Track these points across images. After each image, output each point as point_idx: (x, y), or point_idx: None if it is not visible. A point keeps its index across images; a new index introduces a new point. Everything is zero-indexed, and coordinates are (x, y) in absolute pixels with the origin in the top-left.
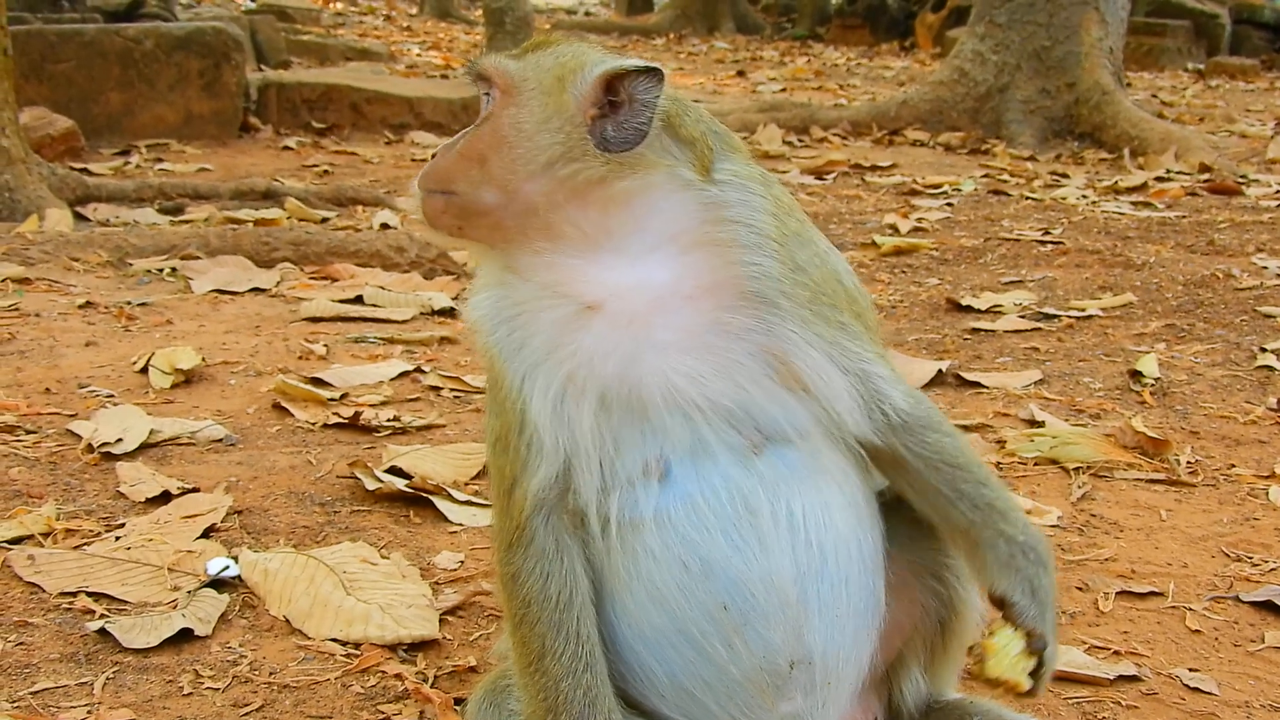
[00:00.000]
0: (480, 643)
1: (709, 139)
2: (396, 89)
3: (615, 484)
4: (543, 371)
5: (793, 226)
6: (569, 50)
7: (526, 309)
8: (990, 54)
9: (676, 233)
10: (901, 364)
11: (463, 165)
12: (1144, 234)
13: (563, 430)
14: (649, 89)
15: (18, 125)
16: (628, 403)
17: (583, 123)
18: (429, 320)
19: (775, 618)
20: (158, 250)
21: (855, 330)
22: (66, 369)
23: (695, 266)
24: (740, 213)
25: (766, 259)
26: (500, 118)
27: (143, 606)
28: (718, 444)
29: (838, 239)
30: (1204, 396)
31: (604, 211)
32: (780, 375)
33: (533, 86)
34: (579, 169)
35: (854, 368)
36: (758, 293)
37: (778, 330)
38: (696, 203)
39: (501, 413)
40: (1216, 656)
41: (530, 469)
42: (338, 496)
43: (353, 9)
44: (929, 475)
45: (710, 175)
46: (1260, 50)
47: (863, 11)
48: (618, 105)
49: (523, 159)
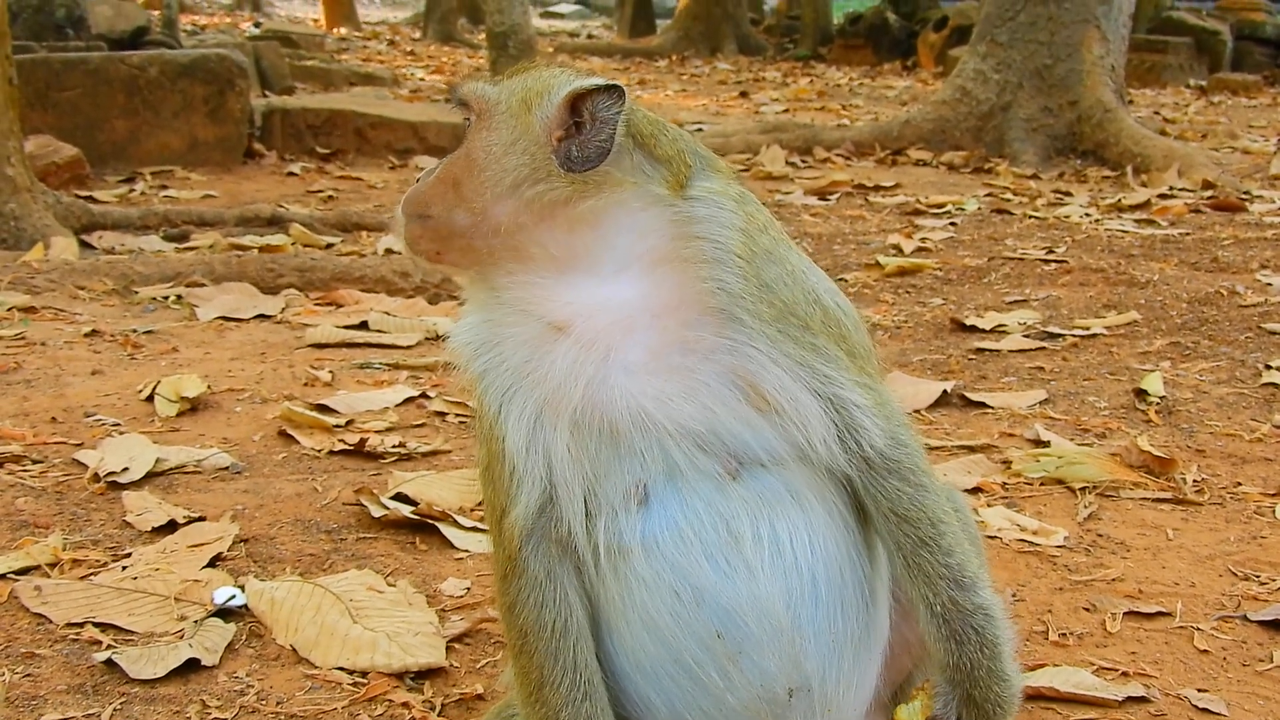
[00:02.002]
0: (487, 670)
1: (686, 157)
2: (400, 114)
3: (600, 510)
4: (517, 397)
5: (763, 244)
6: (539, 74)
7: (500, 333)
8: (992, 73)
9: (644, 250)
10: (906, 384)
11: (439, 189)
12: (1148, 251)
13: (539, 458)
14: (609, 106)
15: (23, 154)
16: (599, 427)
17: (548, 144)
18: (434, 345)
19: (770, 645)
20: (163, 278)
21: (831, 353)
22: (72, 398)
23: (661, 283)
24: (707, 228)
25: (730, 274)
26: (474, 141)
27: (150, 637)
28: (690, 469)
29: (842, 259)
30: (1209, 414)
31: (571, 231)
32: (749, 397)
33: (503, 110)
34: (544, 189)
35: (826, 391)
36: (721, 309)
37: (743, 349)
38: (665, 219)
39: (486, 441)
40: (1225, 676)
41: (514, 498)
42: (344, 524)
43: (356, 34)
44: (876, 520)
45: (683, 192)
46: (1262, 66)
47: (865, 31)
48: (582, 125)
49: (491, 181)
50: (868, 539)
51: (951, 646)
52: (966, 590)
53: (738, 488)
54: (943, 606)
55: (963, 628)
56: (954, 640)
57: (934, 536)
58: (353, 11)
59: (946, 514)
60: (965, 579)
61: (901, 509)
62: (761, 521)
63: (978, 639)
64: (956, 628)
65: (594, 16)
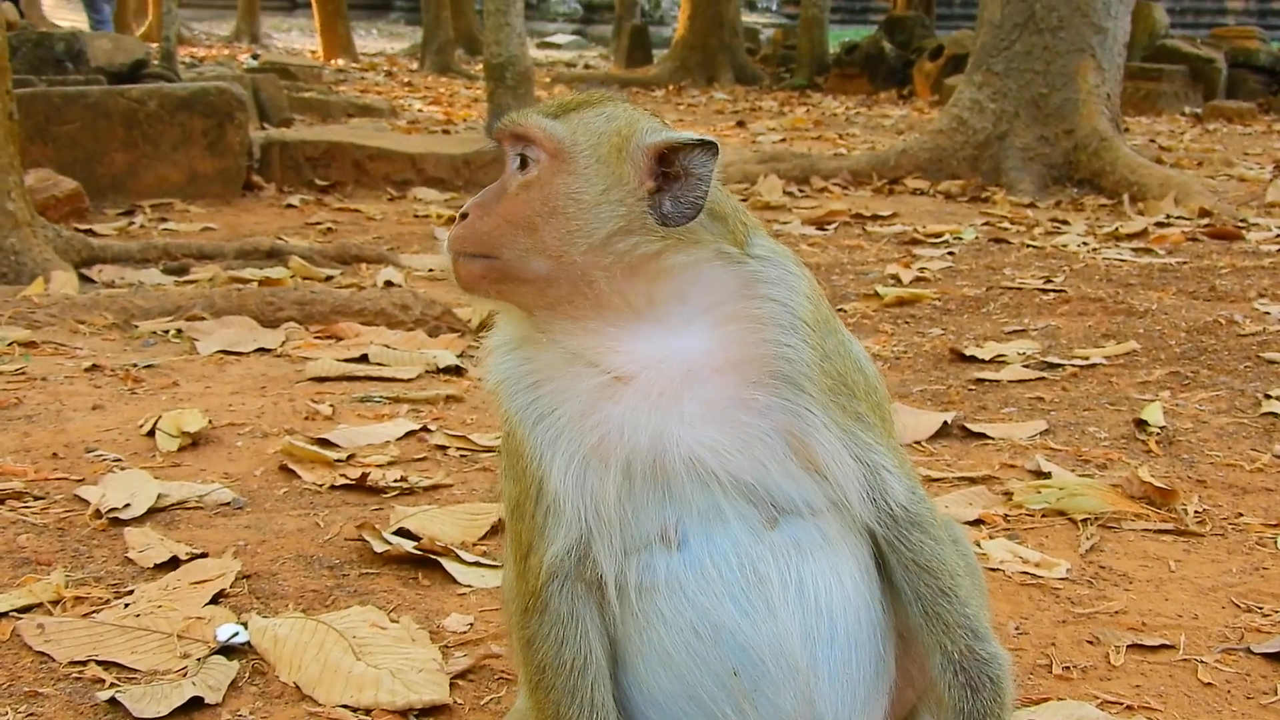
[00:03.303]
0: (491, 707)
1: (741, 214)
2: (399, 145)
3: (632, 550)
4: (565, 441)
5: (824, 312)
6: (619, 113)
7: (553, 376)
8: (988, 102)
9: (713, 304)
10: (907, 415)
11: (509, 231)
12: (1145, 281)
13: (586, 501)
14: (705, 162)
15: (23, 188)
16: (651, 473)
17: (642, 196)
18: (434, 378)
19: (785, 683)
20: (163, 311)
21: (870, 421)
22: (73, 433)
23: (727, 340)
24: (778, 292)
25: (799, 342)
26: (552, 185)
27: (153, 675)
28: (733, 515)
29: (840, 290)
30: (1210, 445)
31: (652, 284)
32: (798, 455)
33: (587, 153)
34: (638, 243)
35: (865, 457)
36: (785, 374)
37: (800, 413)
38: (736, 277)
39: (520, 479)
40: (1230, 710)
41: (548, 537)
42: (346, 559)
43: (354, 65)
44: (895, 569)
45: (748, 249)
46: (1257, 93)
47: (861, 61)
48: (671, 177)
49: (581, 231)
50: (881, 583)
51: (967, 695)
52: (982, 640)
53: (773, 535)
54: (960, 655)
55: (979, 676)
56: (970, 689)
57: (952, 587)
58: (350, 43)
59: (961, 566)
60: (981, 629)
61: (923, 560)
62: (789, 565)
63: (993, 689)
64: (973, 676)
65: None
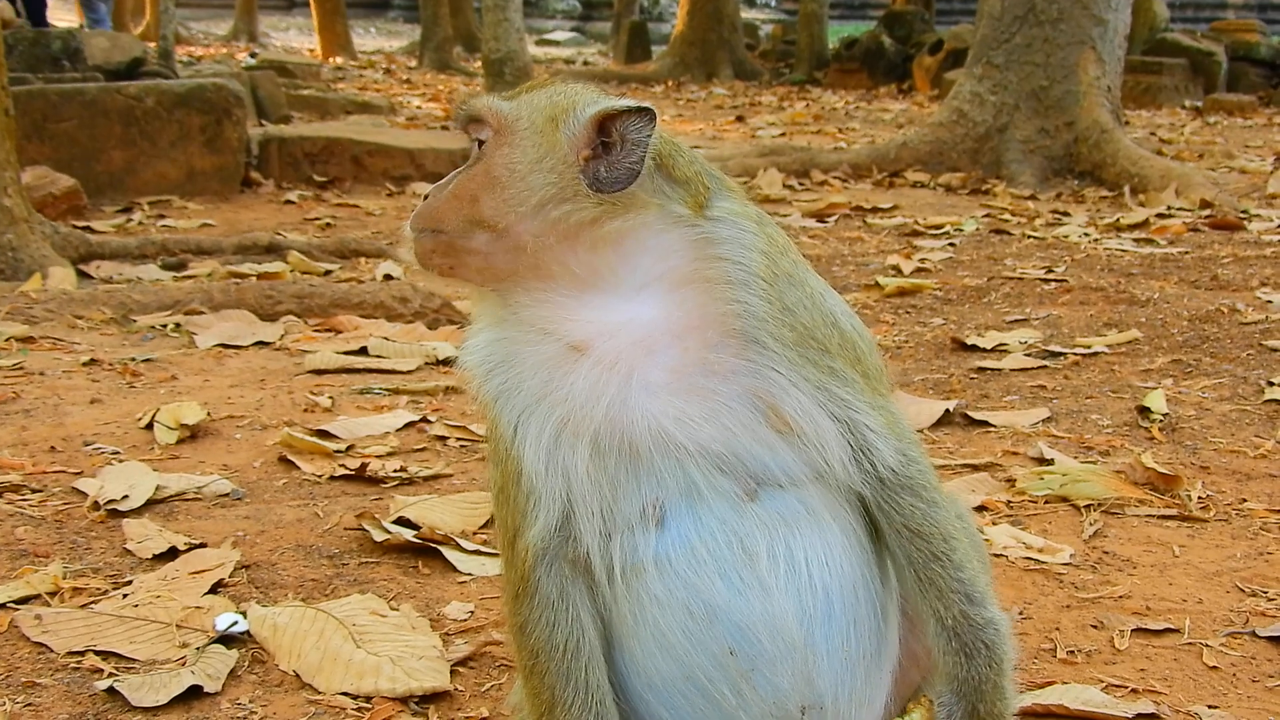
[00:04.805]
0: (492, 693)
1: (704, 178)
2: (397, 141)
3: (615, 529)
4: (535, 417)
5: (784, 266)
6: (562, 90)
7: (516, 352)
8: (988, 95)
9: (666, 270)
10: (909, 404)
11: (454, 205)
12: (1147, 270)
13: (558, 478)
14: (641, 129)
15: (20, 185)
16: (620, 447)
17: (575, 163)
18: (434, 370)
19: (783, 662)
20: (161, 306)
21: (847, 376)
22: (71, 427)
23: (684, 303)
24: (730, 250)
25: (754, 297)
26: (493, 158)
27: (151, 664)
28: (709, 489)
29: (841, 281)
30: (1213, 431)
31: (594, 251)
32: (769, 419)
33: (525, 126)
34: (571, 210)
35: (842, 415)
36: (744, 331)
37: (764, 372)
38: (687, 239)
39: (500, 462)
40: (1235, 693)
41: (530, 518)
42: (346, 549)
43: (352, 63)
44: (888, 535)
45: (704, 212)
46: (1257, 86)
47: (860, 55)
48: (610, 145)
49: (515, 199)
50: (879, 557)
51: (961, 660)
52: (977, 605)
53: (754, 507)
54: (954, 620)
55: (973, 642)
56: (964, 654)
57: (946, 551)
58: (348, 41)
59: (957, 530)
60: (976, 594)
61: (915, 524)
62: (777, 540)
63: (987, 654)
64: (967, 642)
65: (589, 43)
